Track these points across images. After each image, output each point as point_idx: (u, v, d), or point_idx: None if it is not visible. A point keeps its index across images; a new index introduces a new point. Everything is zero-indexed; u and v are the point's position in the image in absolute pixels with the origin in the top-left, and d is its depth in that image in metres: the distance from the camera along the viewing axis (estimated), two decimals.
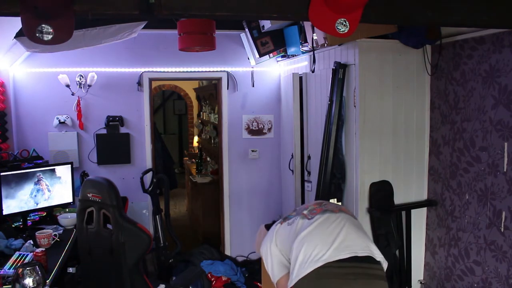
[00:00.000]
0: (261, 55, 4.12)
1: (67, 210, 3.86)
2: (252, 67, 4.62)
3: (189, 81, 7.86)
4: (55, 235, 3.10)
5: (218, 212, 5.06)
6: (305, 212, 1.98)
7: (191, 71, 4.61)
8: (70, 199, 3.74)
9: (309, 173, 3.94)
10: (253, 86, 4.71)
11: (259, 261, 4.45)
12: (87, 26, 3.24)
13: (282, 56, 4.34)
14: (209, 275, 4.28)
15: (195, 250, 4.68)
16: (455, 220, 3.01)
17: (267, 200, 4.87)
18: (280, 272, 1.98)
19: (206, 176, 6.00)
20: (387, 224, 3.15)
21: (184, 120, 10.57)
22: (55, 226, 3.45)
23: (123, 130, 4.48)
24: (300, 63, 4.13)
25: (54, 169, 3.64)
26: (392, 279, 3.18)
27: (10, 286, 2.24)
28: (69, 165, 3.76)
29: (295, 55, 4.13)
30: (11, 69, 4.17)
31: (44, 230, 3.06)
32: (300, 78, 4.04)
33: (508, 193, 2.55)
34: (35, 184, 3.48)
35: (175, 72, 4.58)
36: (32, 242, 2.95)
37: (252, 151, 4.79)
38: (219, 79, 4.74)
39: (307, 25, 3.48)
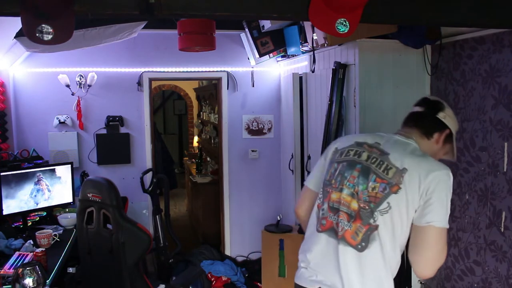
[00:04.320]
0: (261, 55, 4.12)
1: (67, 210, 3.86)
2: (252, 67, 4.62)
3: (189, 81, 7.86)
4: (55, 235, 3.10)
5: (218, 212, 5.06)
6: (320, 213, 1.76)
7: (191, 71, 4.61)
8: (70, 199, 3.74)
9: (309, 173, 3.93)
10: (253, 86, 4.70)
11: (259, 261, 4.46)
12: (87, 26, 3.25)
13: (282, 56, 4.34)
14: (209, 275, 4.28)
15: (195, 250, 4.68)
16: (455, 220, 3.01)
17: (267, 200, 4.87)
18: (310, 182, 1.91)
19: (206, 176, 6.00)
20: None
21: (184, 120, 10.57)
22: (55, 226, 3.45)
23: (123, 130, 4.48)
24: (300, 63, 4.12)
25: (54, 169, 3.64)
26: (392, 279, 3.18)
27: (10, 286, 2.24)
28: (69, 165, 3.76)
29: (295, 55, 4.13)
30: (11, 69, 4.17)
31: (44, 230, 3.06)
32: (300, 78, 4.04)
33: (508, 193, 2.55)
34: (35, 184, 3.49)
35: (175, 72, 4.58)
36: (32, 242, 2.95)
37: (252, 151, 4.79)
38: (219, 79, 4.74)
39: (307, 25, 3.48)
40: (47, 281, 2.37)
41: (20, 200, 3.37)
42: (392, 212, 1.58)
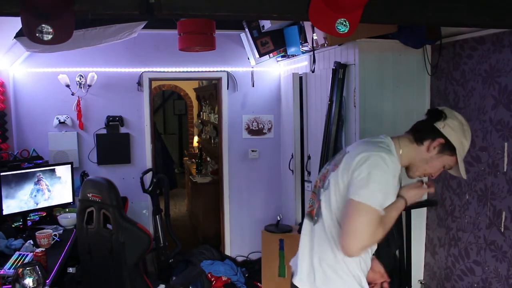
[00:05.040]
0: (261, 55, 4.12)
1: (67, 210, 3.87)
2: (252, 67, 4.62)
3: (189, 81, 7.86)
4: (55, 235, 3.10)
5: (218, 212, 5.06)
6: (310, 201, 1.91)
7: (191, 71, 4.61)
8: (70, 199, 3.75)
9: (309, 173, 3.94)
10: (253, 86, 4.71)
11: (259, 261, 4.46)
12: (87, 26, 3.24)
13: (282, 56, 4.34)
14: (209, 275, 4.28)
15: (195, 250, 4.68)
16: (455, 220, 3.01)
17: (267, 200, 4.87)
18: None
19: (206, 176, 6.00)
20: None
21: (184, 120, 10.57)
22: (55, 226, 3.45)
23: (123, 130, 4.48)
24: (300, 63, 4.13)
25: (54, 169, 3.64)
26: (392, 279, 3.18)
27: (10, 286, 2.24)
28: (69, 165, 3.76)
29: (295, 55, 4.13)
30: (11, 69, 4.17)
31: (44, 230, 3.06)
32: (300, 78, 4.04)
33: (508, 193, 2.55)
34: (35, 184, 3.49)
35: (175, 72, 4.58)
36: (32, 242, 2.95)
37: (252, 151, 4.79)
38: (219, 79, 4.74)
39: (307, 25, 3.48)
40: (47, 281, 2.37)
41: (20, 200, 3.37)
42: (330, 188, 1.71)
